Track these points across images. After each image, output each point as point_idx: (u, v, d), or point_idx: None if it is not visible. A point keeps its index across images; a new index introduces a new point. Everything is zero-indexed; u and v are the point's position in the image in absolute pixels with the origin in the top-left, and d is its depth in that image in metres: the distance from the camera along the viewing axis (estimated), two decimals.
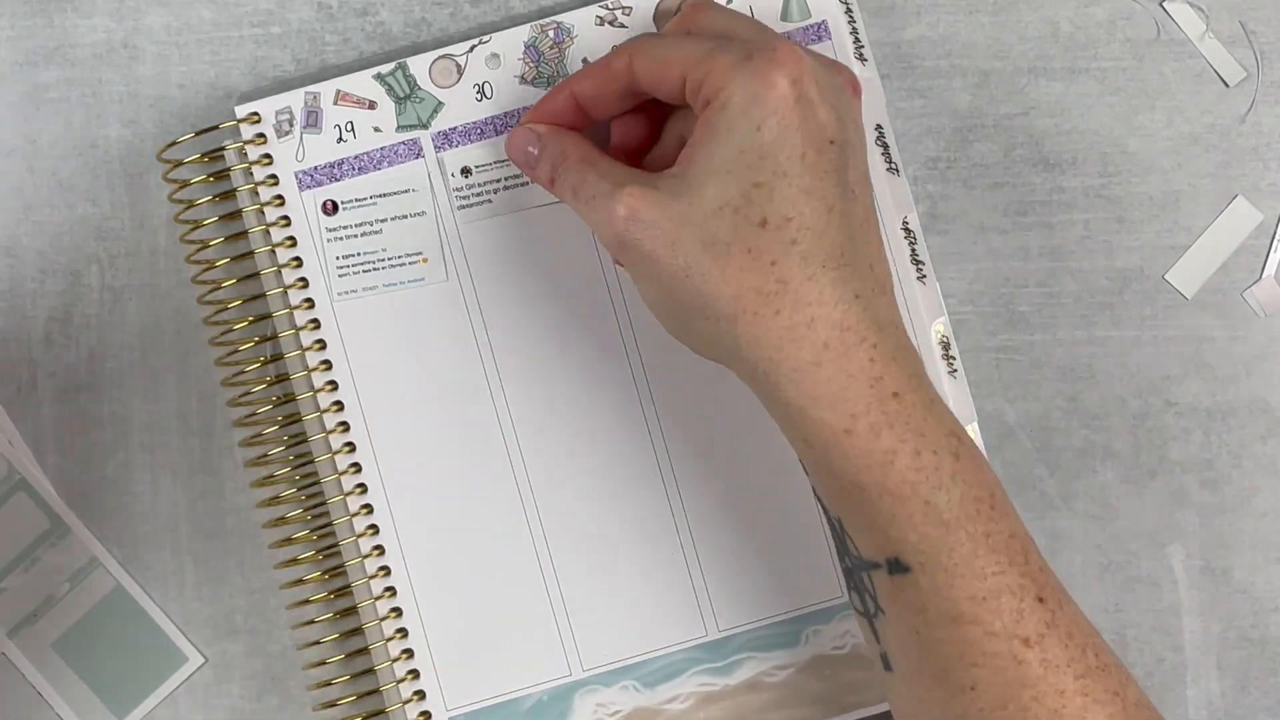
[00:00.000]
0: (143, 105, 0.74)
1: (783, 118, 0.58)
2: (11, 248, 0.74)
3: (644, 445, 0.71)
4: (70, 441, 0.73)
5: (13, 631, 0.73)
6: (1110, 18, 0.73)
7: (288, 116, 0.72)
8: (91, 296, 0.74)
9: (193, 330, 0.73)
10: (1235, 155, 0.73)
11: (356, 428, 0.71)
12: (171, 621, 0.73)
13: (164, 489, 0.73)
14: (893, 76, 0.73)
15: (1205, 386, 0.73)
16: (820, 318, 0.57)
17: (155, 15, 0.74)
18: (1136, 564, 0.72)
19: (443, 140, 0.71)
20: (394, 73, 0.71)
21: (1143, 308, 0.73)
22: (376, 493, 0.71)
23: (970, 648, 0.57)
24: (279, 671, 0.73)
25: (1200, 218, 0.73)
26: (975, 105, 0.73)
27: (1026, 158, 0.73)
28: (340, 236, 0.71)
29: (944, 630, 0.57)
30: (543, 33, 0.72)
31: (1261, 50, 0.73)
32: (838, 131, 0.58)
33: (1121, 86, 0.73)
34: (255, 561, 0.73)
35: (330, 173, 0.71)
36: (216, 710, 0.73)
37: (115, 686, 0.73)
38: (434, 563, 0.71)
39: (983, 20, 0.74)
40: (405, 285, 0.71)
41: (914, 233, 0.71)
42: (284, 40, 0.74)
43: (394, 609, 0.71)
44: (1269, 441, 0.72)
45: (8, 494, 0.73)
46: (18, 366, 0.74)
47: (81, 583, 0.73)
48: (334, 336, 0.71)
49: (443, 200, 0.71)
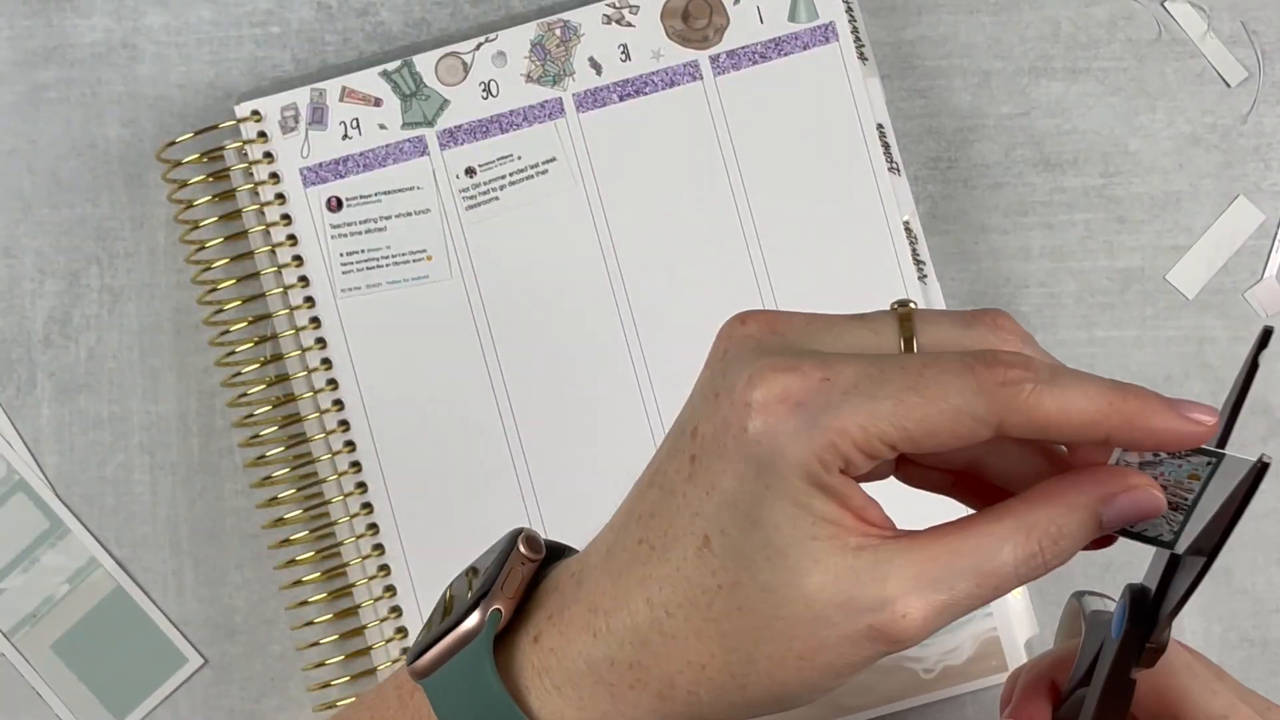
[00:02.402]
0: (142, 105, 0.74)
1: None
2: (11, 248, 0.74)
3: (648, 446, 0.71)
4: (69, 442, 0.73)
5: (12, 632, 0.72)
6: (1111, 18, 0.74)
7: (293, 113, 0.71)
8: (91, 296, 0.74)
9: (193, 330, 0.73)
10: (1236, 155, 0.73)
11: (357, 427, 0.71)
12: (171, 622, 0.73)
13: (163, 489, 0.73)
14: (893, 76, 0.74)
15: (1206, 387, 0.73)
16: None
17: (155, 15, 0.74)
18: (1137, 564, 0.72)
19: (448, 138, 0.71)
20: (400, 70, 0.71)
21: (1144, 308, 0.73)
22: (377, 492, 0.71)
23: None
24: (279, 672, 0.73)
25: (1201, 218, 0.73)
26: (976, 105, 0.74)
27: (1027, 158, 0.73)
28: (344, 234, 0.71)
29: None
30: (549, 31, 0.72)
31: (1263, 50, 0.73)
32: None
33: (1122, 86, 0.73)
34: (255, 562, 0.73)
35: (335, 169, 0.71)
36: (216, 711, 0.73)
37: (114, 687, 0.72)
38: (434, 563, 0.71)
39: (983, 20, 0.74)
40: (409, 283, 0.71)
41: (915, 233, 0.72)
42: (283, 40, 0.74)
43: (394, 609, 0.71)
44: (1270, 442, 0.73)
45: (7, 494, 0.73)
46: (17, 366, 0.73)
47: (80, 583, 0.73)
48: (336, 334, 0.71)
49: (448, 198, 0.71)
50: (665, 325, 0.71)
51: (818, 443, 0.46)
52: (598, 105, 0.72)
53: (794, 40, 0.72)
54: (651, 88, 0.72)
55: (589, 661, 0.49)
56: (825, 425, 0.46)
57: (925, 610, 0.46)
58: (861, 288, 0.71)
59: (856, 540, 0.46)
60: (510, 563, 0.51)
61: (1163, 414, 0.46)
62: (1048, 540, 0.46)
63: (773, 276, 0.71)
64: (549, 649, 0.50)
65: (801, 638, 0.47)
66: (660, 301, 0.71)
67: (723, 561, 0.47)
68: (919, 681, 0.70)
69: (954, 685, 0.70)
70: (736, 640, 0.47)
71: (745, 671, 0.47)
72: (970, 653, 0.70)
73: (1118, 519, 0.47)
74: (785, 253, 0.71)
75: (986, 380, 0.46)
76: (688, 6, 0.72)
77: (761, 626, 0.47)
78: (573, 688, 0.49)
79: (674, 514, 0.48)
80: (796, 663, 0.47)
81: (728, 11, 0.72)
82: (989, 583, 0.46)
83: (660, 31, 0.72)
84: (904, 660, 0.70)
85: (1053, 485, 0.47)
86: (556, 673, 0.49)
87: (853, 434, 0.45)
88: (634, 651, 0.48)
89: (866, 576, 0.46)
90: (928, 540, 0.47)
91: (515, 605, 0.51)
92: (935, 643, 0.70)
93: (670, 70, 0.72)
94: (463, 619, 0.50)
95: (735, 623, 0.47)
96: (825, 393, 0.46)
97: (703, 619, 0.47)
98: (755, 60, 0.72)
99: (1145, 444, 0.46)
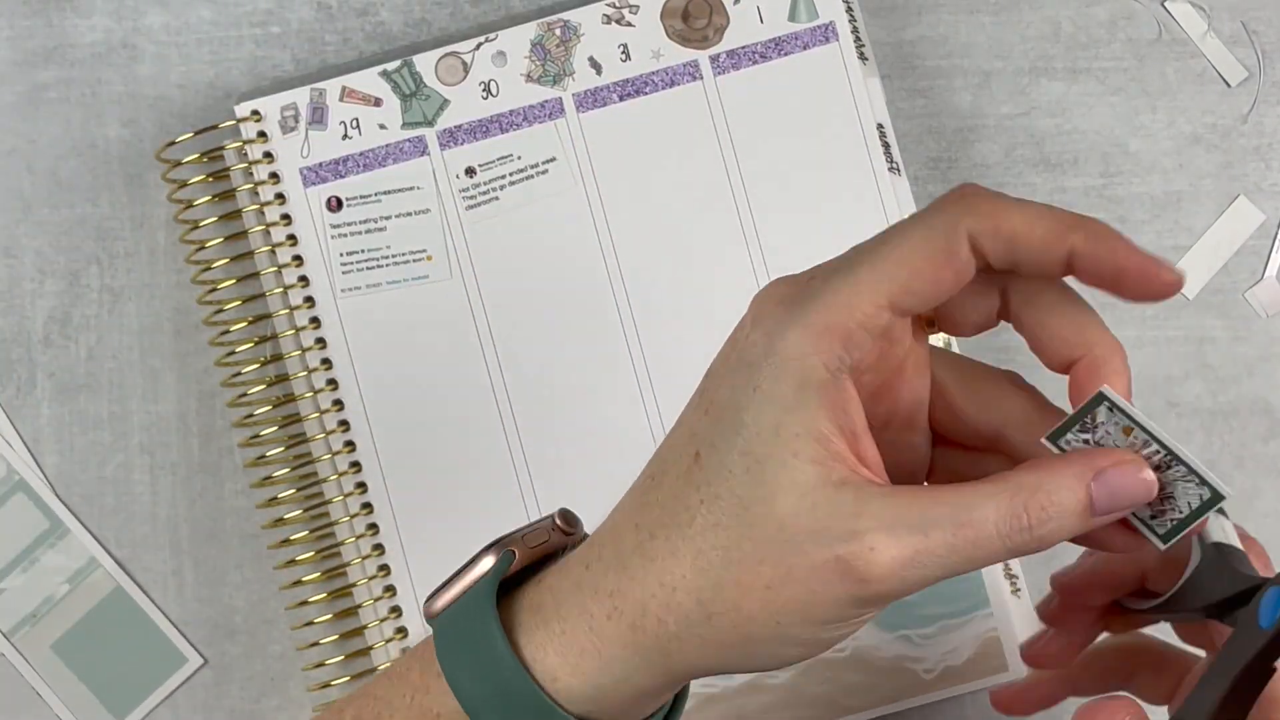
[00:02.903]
0: (142, 105, 0.74)
1: None
2: (11, 248, 0.74)
3: (648, 446, 0.70)
4: (69, 442, 0.73)
5: (12, 632, 0.72)
6: (1112, 18, 0.73)
7: (293, 113, 0.72)
8: (91, 296, 0.74)
9: (193, 330, 0.73)
10: (1237, 155, 0.73)
11: (357, 426, 0.71)
12: (170, 622, 0.73)
13: (163, 489, 0.73)
14: (893, 76, 0.74)
15: (1207, 387, 0.73)
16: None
17: (155, 15, 0.74)
18: None
19: (448, 138, 0.71)
20: (400, 70, 0.71)
21: (1144, 308, 0.73)
22: (377, 492, 0.71)
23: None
24: (279, 672, 0.73)
25: (1202, 218, 0.73)
26: (976, 105, 0.74)
27: (1027, 158, 0.73)
28: (344, 233, 0.71)
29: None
30: (549, 31, 0.72)
31: (1263, 50, 0.73)
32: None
33: (1123, 86, 0.73)
34: (255, 562, 0.73)
35: (335, 169, 0.71)
36: (216, 711, 0.73)
37: (114, 687, 0.72)
38: (435, 563, 0.71)
39: (984, 20, 0.74)
40: (409, 283, 0.71)
41: None
42: (283, 40, 0.74)
43: (394, 609, 0.71)
44: (1270, 442, 0.73)
45: (7, 494, 0.73)
46: (17, 366, 0.73)
47: (80, 583, 0.73)
48: (336, 334, 0.71)
49: (448, 198, 0.71)
50: (665, 324, 0.71)
51: (814, 326, 0.46)
52: (598, 105, 0.72)
53: (794, 40, 0.72)
54: (651, 88, 0.72)
55: (577, 589, 0.49)
56: (815, 306, 0.46)
57: (895, 550, 0.45)
58: None
59: (841, 473, 0.46)
60: (541, 524, 0.52)
61: (1129, 245, 0.47)
62: (1034, 505, 0.46)
63: (773, 275, 0.71)
64: (547, 587, 0.50)
65: (770, 562, 0.46)
66: (660, 301, 0.71)
67: (706, 475, 0.47)
68: (919, 681, 0.70)
69: (954, 685, 0.70)
70: (708, 560, 0.47)
71: (712, 597, 0.47)
72: (970, 653, 0.70)
73: (1108, 496, 0.46)
74: (785, 252, 0.71)
75: (948, 201, 0.47)
76: (688, 6, 0.72)
77: (732, 546, 0.46)
78: (558, 621, 0.49)
79: (674, 440, 0.49)
80: (764, 592, 0.46)
81: (728, 11, 0.72)
82: (966, 535, 0.45)
83: (660, 31, 0.72)
84: (904, 660, 0.70)
85: (1045, 458, 0.47)
86: (548, 608, 0.49)
87: (842, 304, 0.46)
88: (615, 579, 0.48)
89: (844, 510, 0.45)
90: (912, 489, 0.46)
91: (532, 559, 0.51)
92: (935, 643, 0.70)
93: (670, 70, 0.72)
94: (477, 560, 0.51)
95: (710, 540, 0.47)
96: (809, 285, 0.47)
97: (681, 537, 0.47)
98: (755, 60, 0.72)
99: (1107, 263, 0.46)
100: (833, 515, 0.46)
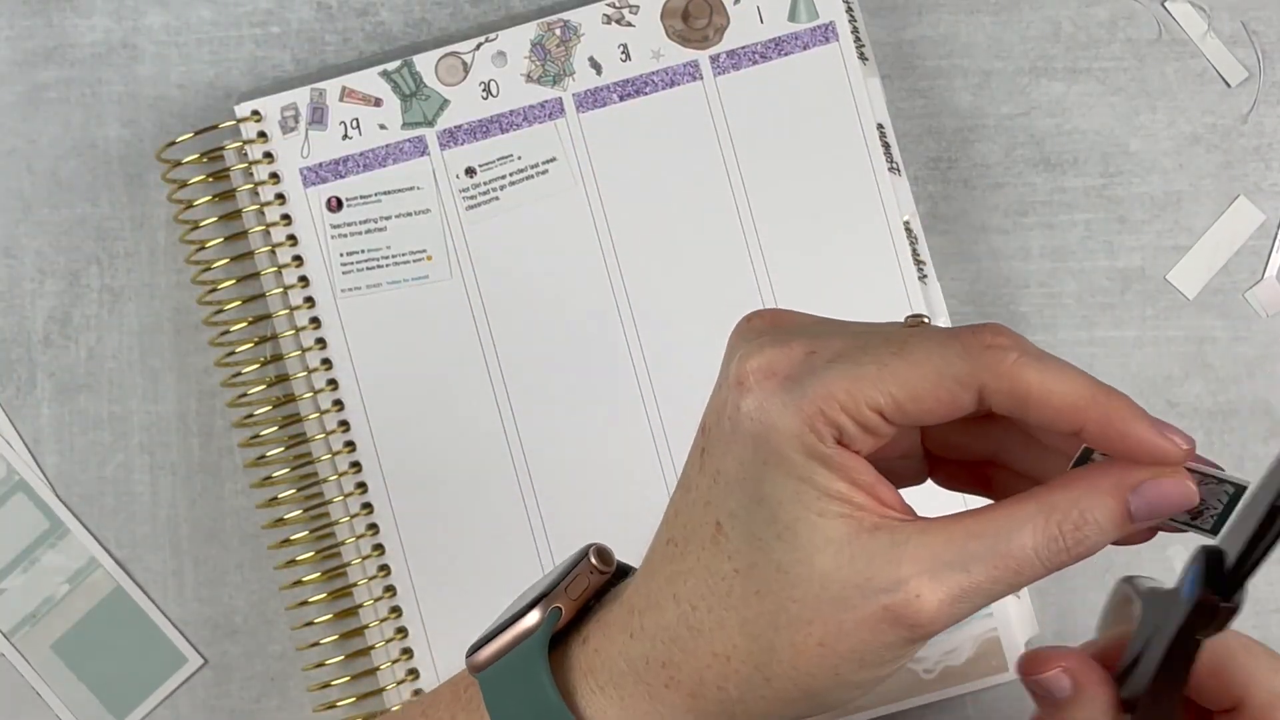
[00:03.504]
0: (142, 105, 0.74)
1: None
2: (11, 248, 0.74)
3: (648, 446, 0.71)
4: (69, 442, 0.73)
5: (12, 632, 0.72)
6: (1112, 18, 0.73)
7: (293, 113, 0.72)
8: (91, 296, 0.74)
9: (193, 330, 0.73)
10: (1237, 155, 0.73)
11: (357, 427, 0.71)
12: (171, 622, 0.73)
13: (163, 489, 0.73)
14: (893, 76, 0.74)
15: (1207, 387, 0.73)
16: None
17: (155, 15, 0.74)
18: (1138, 565, 0.72)
19: (448, 138, 0.71)
20: (400, 70, 0.71)
21: (1144, 308, 0.73)
22: (377, 492, 0.71)
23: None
24: (279, 672, 0.73)
25: (1202, 218, 0.73)
26: (976, 105, 0.73)
27: (1027, 158, 0.73)
28: (344, 234, 0.71)
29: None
30: (549, 31, 0.72)
31: (1263, 50, 0.73)
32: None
33: (1123, 86, 0.73)
34: (255, 562, 0.73)
35: (335, 169, 0.71)
36: (216, 711, 0.73)
37: (114, 688, 0.72)
38: (435, 563, 0.71)
39: (984, 20, 0.74)
40: (409, 283, 0.71)
41: (915, 233, 0.71)
42: (283, 40, 0.74)
43: (394, 609, 0.71)
44: (1271, 442, 0.72)
45: (7, 494, 0.73)
46: (17, 366, 0.73)
47: (80, 584, 0.73)
48: (336, 334, 0.71)
49: (448, 198, 0.71)
50: (665, 325, 0.71)
51: (806, 411, 0.46)
52: (598, 105, 0.72)
53: (794, 40, 0.72)
54: (651, 88, 0.72)
55: (628, 661, 0.49)
56: (811, 393, 0.46)
57: (941, 593, 0.46)
58: (861, 288, 0.71)
59: (872, 520, 0.46)
60: (579, 569, 0.51)
61: (1142, 422, 0.46)
62: (1069, 525, 0.46)
63: (773, 276, 0.71)
64: (594, 649, 0.50)
65: (819, 621, 0.46)
66: (660, 301, 0.71)
67: (735, 545, 0.47)
68: (919, 682, 0.70)
69: (954, 686, 0.70)
70: (757, 627, 0.47)
71: (768, 661, 0.47)
72: (970, 653, 0.70)
73: (1146, 508, 0.46)
74: (785, 252, 0.71)
75: (971, 343, 0.46)
76: (688, 6, 0.72)
77: (778, 610, 0.47)
78: (615, 688, 0.49)
79: (690, 508, 0.49)
80: (818, 650, 0.47)
81: (728, 11, 0.72)
82: (1008, 565, 0.46)
83: (660, 31, 0.72)
84: None
85: (1079, 471, 0.47)
86: (601, 673, 0.50)
87: (839, 399, 0.46)
88: (665, 649, 0.48)
89: (881, 557, 0.46)
90: (946, 523, 0.47)
91: (577, 609, 0.51)
92: (935, 643, 0.70)
93: (670, 70, 0.72)
94: (523, 615, 0.51)
95: (754, 608, 0.47)
96: (810, 363, 0.47)
97: (724, 608, 0.47)
98: (755, 60, 0.72)
99: (1116, 446, 0.46)
100: (872, 565, 0.46)
